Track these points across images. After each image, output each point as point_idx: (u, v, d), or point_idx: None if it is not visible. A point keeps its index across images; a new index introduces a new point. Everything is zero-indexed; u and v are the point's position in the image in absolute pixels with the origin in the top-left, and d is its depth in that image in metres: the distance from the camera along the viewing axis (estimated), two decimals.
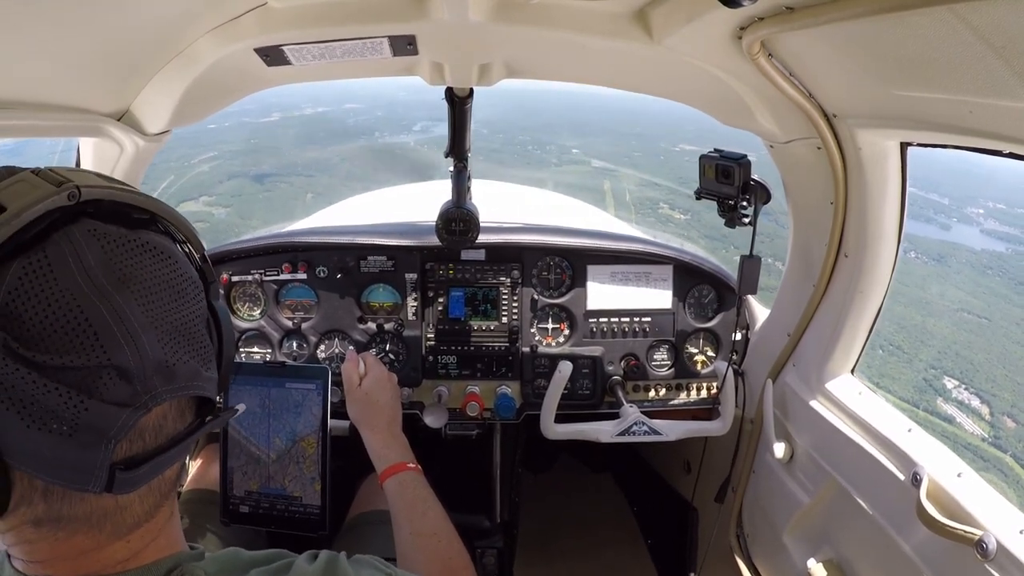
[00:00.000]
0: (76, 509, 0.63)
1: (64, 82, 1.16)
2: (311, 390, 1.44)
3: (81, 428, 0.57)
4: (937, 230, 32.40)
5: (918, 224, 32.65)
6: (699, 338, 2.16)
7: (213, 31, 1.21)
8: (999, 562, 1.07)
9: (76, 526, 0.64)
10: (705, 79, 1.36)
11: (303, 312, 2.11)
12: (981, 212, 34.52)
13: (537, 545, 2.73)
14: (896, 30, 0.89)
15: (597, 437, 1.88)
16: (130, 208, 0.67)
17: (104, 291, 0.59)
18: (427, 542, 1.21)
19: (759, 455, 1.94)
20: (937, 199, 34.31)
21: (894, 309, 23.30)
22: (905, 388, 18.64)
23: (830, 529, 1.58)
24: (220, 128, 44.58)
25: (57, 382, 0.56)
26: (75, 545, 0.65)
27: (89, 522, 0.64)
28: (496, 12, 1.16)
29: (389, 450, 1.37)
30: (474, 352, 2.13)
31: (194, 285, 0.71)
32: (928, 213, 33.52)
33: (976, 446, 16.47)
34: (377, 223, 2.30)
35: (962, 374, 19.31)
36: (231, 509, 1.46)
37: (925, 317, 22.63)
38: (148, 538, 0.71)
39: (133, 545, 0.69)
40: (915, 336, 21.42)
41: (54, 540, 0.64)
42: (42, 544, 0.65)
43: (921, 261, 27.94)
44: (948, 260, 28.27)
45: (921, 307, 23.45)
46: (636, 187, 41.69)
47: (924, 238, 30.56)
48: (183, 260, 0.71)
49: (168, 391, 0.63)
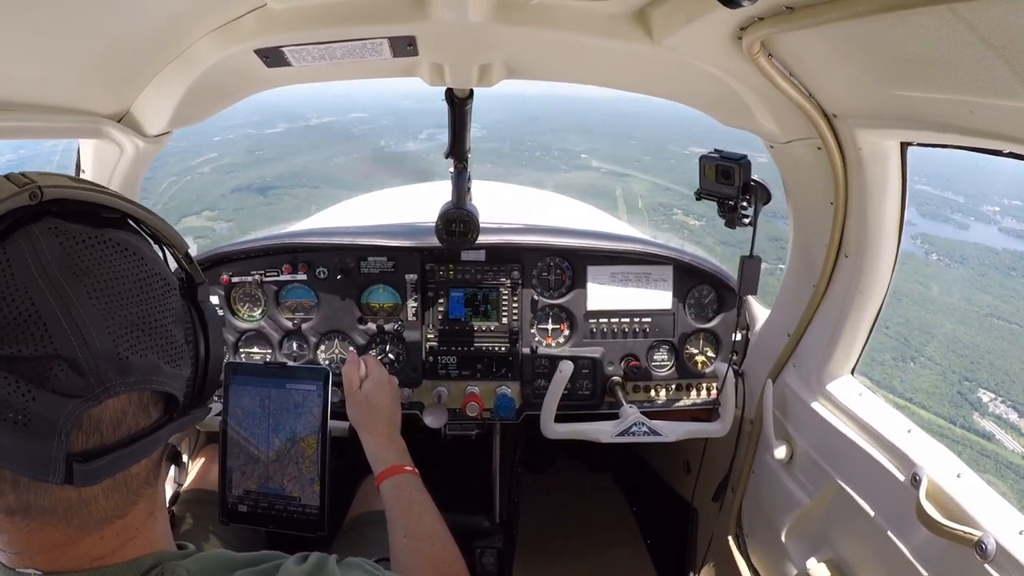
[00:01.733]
0: (43, 500, 0.64)
1: (64, 83, 1.16)
2: (311, 391, 1.44)
3: (33, 418, 0.58)
4: (955, 230, 31.65)
5: (936, 224, 31.92)
6: (699, 338, 2.16)
7: (213, 32, 1.22)
8: (998, 563, 1.07)
9: (45, 518, 0.65)
10: (705, 79, 1.36)
11: (303, 313, 2.11)
12: (997, 210, 33.82)
13: (537, 545, 2.73)
14: (896, 30, 0.89)
15: (597, 437, 1.88)
16: (97, 207, 0.69)
17: (56, 284, 0.61)
18: (421, 545, 1.21)
19: (759, 455, 1.94)
20: (952, 197, 33.68)
21: (922, 316, 22.64)
22: (940, 403, 17.93)
23: (830, 530, 1.58)
24: (224, 140, 44.50)
25: (8, 371, 0.58)
26: (48, 538, 0.67)
27: (56, 514, 0.65)
28: (496, 13, 1.16)
29: (387, 452, 1.38)
30: (474, 353, 2.13)
31: (164, 282, 0.72)
32: (945, 212, 32.79)
33: (1019, 465, 15.89)
34: (377, 224, 2.30)
35: (997, 385, 18.41)
36: (229, 508, 1.46)
37: (955, 325, 22.01)
38: (125, 536, 0.71)
39: (108, 542, 0.70)
40: (946, 345, 20.75)
41: (28, 531, 0.66)
42: (18, 535, 0.67)
43: (943, 263, 27.24)
44: (970, 261, 27.50)
45: (949, 313, 22.80)
46: (648, 192, 41.48)
47: (944, 239, 29.73)
48: (152, 258, 0.71)
49: (122, 384, 0.63)
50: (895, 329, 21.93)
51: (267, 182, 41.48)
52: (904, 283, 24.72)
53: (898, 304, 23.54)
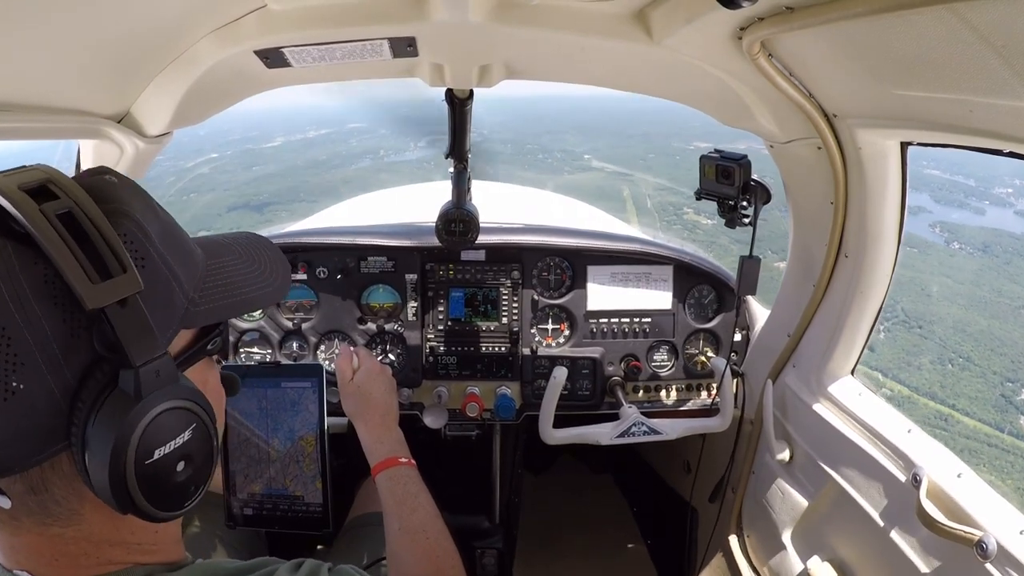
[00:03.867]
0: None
1: (64, 84, 1.16)
2: (307, 388, 1.44)
3: None
4: (972, 215, 30.67)
5: (951, 210, 30.50)
6: (699, 339, 2.16)
7: (213, 33, 1.21)
8: (999, 562, 1.07)
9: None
10: (705, 79, 1.36)
11: (303, 313, 2.11)
12: (1010, 192, 32.79)
13: (537, 545, 2.74)
14: (896, 30, 0.89)
15: (597, 440, 1.88)
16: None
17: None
18: (415, 538, 1.21)
19: (759, 456, 1.94)
20: (963, 180, 32.72)
21: (954, 313, 21.34)
22: (985, 409, 16.89)
23: (830, 530, 1.58)
24: (222, 157, 44.06)
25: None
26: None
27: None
28: (496, 13, 1.16)
29: (381, 444, 1.37)
30: (474, 353, 2.13)
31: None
32: (959, 197, 31.66)
33: None
34: (377, 224, 2.31)
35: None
36: (235, 513, 1.46)
37: (989, 320, 21.02)
38: (91, 541, 0.72)
39: (73, 543, 0.71)
40: (983, 344, 19.78)
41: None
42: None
43: (966, 253, 26.20)
44: (993, 249, 26.40)
45: (982, 308, 21.69)
46: (655, 192, 41.05)
47: (962, 225, 28.67)
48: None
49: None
50: (928, 328, 21.12)
51: (264, 199, 40.84)
52: (932, 276, 23.78)
53: (928, 301, 22.65)
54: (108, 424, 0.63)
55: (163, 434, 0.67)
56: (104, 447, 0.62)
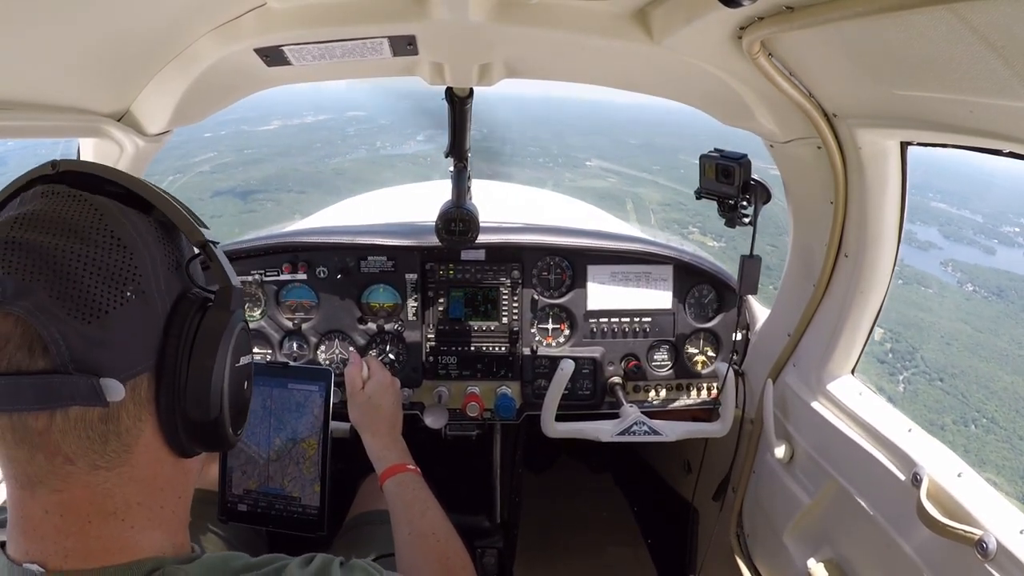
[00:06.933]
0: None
1: (64, 82, 1.16)
2: (313, 391, 1.44)
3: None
4: (982, 254, 30.26)
5: (960, 247, 30.24)
6: (699, 338, 2.16)
7: (213, 31, 1.22)
8: (999, 562, 1.07)
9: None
10: (705, 79, 1.36)
11: (303, 313, 2.11)
12: (1017, 231, 32.48)
13: (537, 545, 2.73)
14: (896, 30, 0.89)
15: (597, 436, 1.88)
16: (101, 180, 0.74)
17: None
18: (425, 542, 1.21)
19: (759, 455, 1.94)
20: (969, 216, 32.19)
21: (976, 366, 20.00)
22: (1012, 480, 15.43)
23: (830, 529, 1.58)
24: (216, 136, 43.23)
25: None
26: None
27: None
28: (496, 12, 1.16)
29: (389, 452, 1.39)
30: (474, 352, 2.13)
31: (119, 247, 0.70)
32: (968, 234, 31.12)
33: None
34: (377, 223, 2.30)
35: None
36: (228, 507, 1.46)
37: (1012, 376, 19.95)
38: (80, 521, 0.70)
39: (71, 528, 0.69)
40: (1008, 403, 18.47)
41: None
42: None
43: (981, 296, 25.51)
44: (1008, 294, 25.72)
45: (1004, 361, 20.66)
46: (659, 207, 40.48)
47: (974, 265, 28.14)
48: (124, 227, 0.71)
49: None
50: (950, 382, 20.07)
51: (251, 186, 39.66)
52: (950, 323, 22.96)
53: (948, 349, 21.68)
54: (210, 328, 0.74)
55: (243, 346, 0.80)
56: (207, 348, 0.73)
